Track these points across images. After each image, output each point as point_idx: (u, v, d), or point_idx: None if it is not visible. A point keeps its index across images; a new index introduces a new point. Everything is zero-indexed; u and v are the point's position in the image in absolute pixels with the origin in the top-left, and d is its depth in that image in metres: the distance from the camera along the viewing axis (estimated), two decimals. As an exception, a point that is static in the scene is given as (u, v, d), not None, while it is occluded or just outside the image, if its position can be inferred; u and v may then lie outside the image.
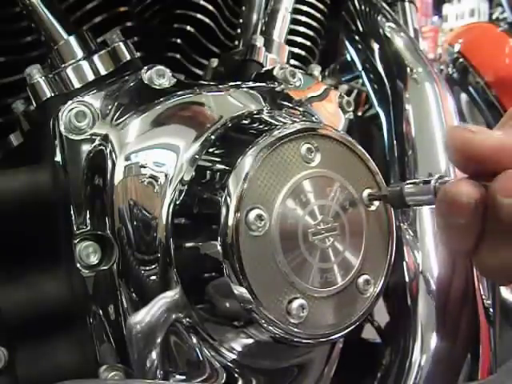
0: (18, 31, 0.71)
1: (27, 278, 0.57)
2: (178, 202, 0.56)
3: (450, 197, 0.48)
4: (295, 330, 0.54)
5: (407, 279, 0.75)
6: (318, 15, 0.88)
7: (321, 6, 0.88)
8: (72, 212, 0.55)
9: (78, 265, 0.55)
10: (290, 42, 0.79)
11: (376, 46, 0.92)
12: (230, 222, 0.52)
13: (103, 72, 0.60)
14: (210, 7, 0.80)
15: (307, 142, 0.56)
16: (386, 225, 0.60)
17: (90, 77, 0.59)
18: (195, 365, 0.59)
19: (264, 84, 0.66)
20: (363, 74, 0.94)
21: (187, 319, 0.57)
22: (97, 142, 0.56)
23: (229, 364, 0.60)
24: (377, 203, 0.59)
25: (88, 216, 0.56)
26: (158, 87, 0.59)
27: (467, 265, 0.75)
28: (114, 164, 0.56)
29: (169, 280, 0.57)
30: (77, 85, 0.59)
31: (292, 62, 0.78)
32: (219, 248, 0.52)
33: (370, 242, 0.58)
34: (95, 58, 0.60)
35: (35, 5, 0.61)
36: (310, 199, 0.55)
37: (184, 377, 0.59)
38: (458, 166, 0.50)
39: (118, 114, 0.58)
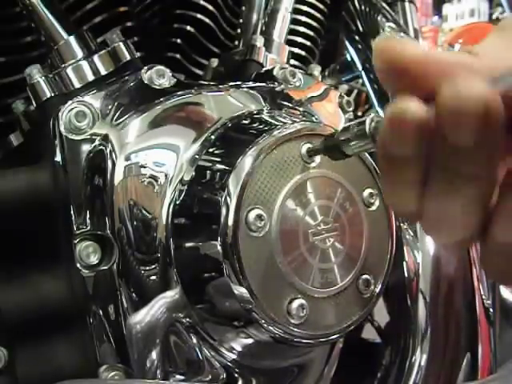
0: (18, 31, 0.71)
1: (27, 277, 0.57)
2: (177, 202, 0.56)
3: (394, 117, 0.39)
4: (295, 330, 0.54)
5: (407, 279, 0.75)
6: (318, 15, 0.87)
7: (321, 5, 0.88)
8: (72, 212, 0.55)
9: (78, 265, 0.55)
10: (290, 42, 0.79)
11: (376, 46, 0.92)
12: (230, 222, 0.52)
13: (103, 72, 0.60)
14: (210, 7, 0.79)
15: (307, 141, 0.56)
16: (386, 225, 0.60)
17: (90, 77, 0.59)
18: (195, 365, 0.59)
19: (264, 84, 0.66)
20: (363, 74, 0.94)
21: (187, 319, 0.57)
22: (97, 142, 0.56)
23: (229, 364, 0.60)
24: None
25: (88, 216, 0.56)
26: (158, 87, 0.59)
27: (467, 264, 0.75)
28: (113, 164, 0.56)
29: (169, 280, 0.57)
30: (77, 85, 0.59)
31: (292, 62, 0.78)
32: (219, 248, 0.52)
33: (370, 242, 0.58)
34: (95, 58, 0.60)
35: (35, 5, 0.61)
36: (310, 199, 0.55)
37: (184, 377, 0.59)
38: (384, 80, 0.42)
39: (118, 114, 0.58)
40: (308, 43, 0.87)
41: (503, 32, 0.43)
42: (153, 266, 0.56)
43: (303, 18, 0.86)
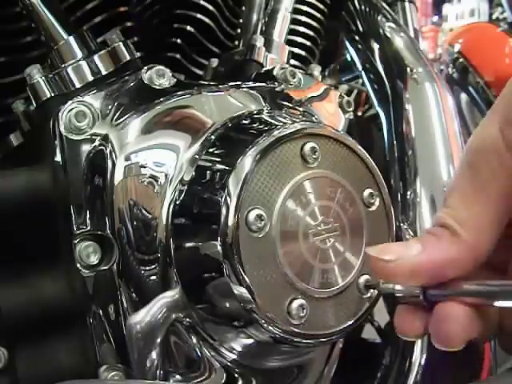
0: (17, 31, 0.71)
1: (27, 277, 0.57)
2: (177, 202, 0.56)
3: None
4: (295, 330, 0.54)
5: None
6: (318, 15, 0.88)
7: (321, 5, 0.88)
8: (72, 212, 0.55)
9: (78, 265, 0.55)
10: (290, 42, 0.79)
11: (376, 46, 0.92)
12: (230, 222, 0.52)
13: (103, 72, 0.60)
14: (210, 7, 0.80)
15: (308, 142, 0.56)
16: (386, 225, 0.60)
17: (90, 77, 0.59)
18: (195, 365, 0.59)
19: (264, 84, 0.66)
20: (363, 74, 0.94)
21: (187, 319, 0.57)
22: (97, 142, 0.56)
23: (229, 364, 0.60)
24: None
25: (88, 216, 0.56)
26: (158, 87, 0.59)
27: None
28: (113, 164, 0.56)
29: (169, 280, 0.57)
30: (77, 85, 0.59)
31: (292, 61, 0.78)
32: (219, 248, 0.52)
33: (370, 243, 0.58)
34: (95, 57, 0.60)
35: (35, 5, 0.61)
36: (310, 200, 0.55)
37: (184, 377, 0.59)
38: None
39: (118, 114, 0.58)
40: (308, 43, 0.87)
41: (473, 171, 0.47)
42: (153, 266, 0.56)
43: (303, 18, 0.86)
